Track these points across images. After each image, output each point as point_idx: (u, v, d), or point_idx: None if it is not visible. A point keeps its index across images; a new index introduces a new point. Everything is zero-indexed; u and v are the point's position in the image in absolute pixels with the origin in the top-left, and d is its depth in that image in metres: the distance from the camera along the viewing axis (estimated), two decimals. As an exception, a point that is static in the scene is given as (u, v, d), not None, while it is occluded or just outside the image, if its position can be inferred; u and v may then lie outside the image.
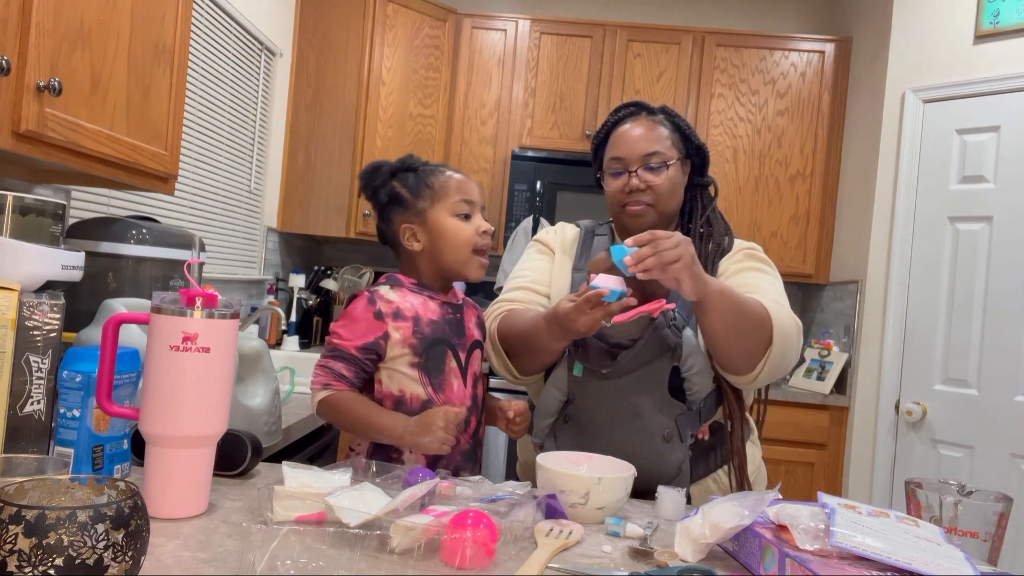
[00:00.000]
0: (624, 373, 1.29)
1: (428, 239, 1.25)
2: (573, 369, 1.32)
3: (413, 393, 1.21)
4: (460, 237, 1.24)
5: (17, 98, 1.15)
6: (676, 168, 1.39)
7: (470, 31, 3.49)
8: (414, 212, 1.26)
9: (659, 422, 1.28)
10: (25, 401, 0.97)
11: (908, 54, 2.96)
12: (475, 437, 1.28)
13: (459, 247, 1.25)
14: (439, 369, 1.22)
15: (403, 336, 1.20)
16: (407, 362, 1.21)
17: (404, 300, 1.23)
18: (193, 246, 1.69)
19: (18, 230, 1.17)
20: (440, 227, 1.24)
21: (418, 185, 1.26)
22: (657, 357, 1.28)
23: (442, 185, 1.25)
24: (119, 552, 0.62)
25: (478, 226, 1.25)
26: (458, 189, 1.25)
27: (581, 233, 1.50)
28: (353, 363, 1.20)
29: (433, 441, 1.08)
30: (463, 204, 1.24)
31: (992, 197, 2.67)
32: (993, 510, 0.92)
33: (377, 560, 0.81)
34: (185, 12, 1.62)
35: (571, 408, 1.32)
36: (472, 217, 1.26)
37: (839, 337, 3.23)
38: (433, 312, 1.24)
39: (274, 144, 3.16)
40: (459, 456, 1.23)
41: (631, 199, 1.37)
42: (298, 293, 3.19)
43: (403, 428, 1.13)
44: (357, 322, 1.20)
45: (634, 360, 1.28)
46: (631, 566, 0.88)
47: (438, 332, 1.23)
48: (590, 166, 1.51)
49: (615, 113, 1.45)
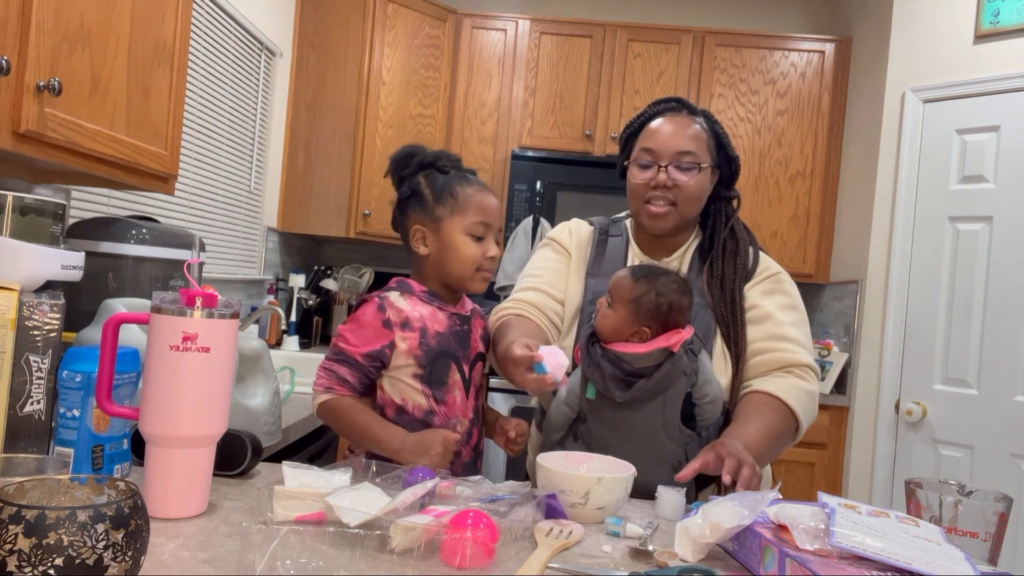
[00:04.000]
0: (639, 401, 1.23)
1: (437, 247, 1.23)
2: (586, 391, 1.26)
3: (416, 403, 1.20)
4: (467, 257, 1.21)
5: (17, 98, 1.15)
6: (706, 174, 1.37)
7: (470, 31, 3.49)
8: (430, 216, 1.23)
9: (670, 451, 1.24)
10: (25, 401, 0.97)
11: (908, 54, 2.96)
12: (476, 449, 1.26)
13: (464, 265, 1.22)
14: (442, 382, 1.21)
15: (409, 347, 1.19)
16: (411, 373, 1.19)
17: (414, 309, 1.20)
18: (193, 246, 1.69)
19: (18, 230, 1.17)
20: (451, 240, 1.21)
21: (443, 190, 1.22)
22: (671, 385, 1.23)
23: (466, 199, 1.22)
24: (119, 552, 0.62)
25: (487, 250, 1.22)
26: (479, 209, 1.22)
27: (595, 234, 1.47)
28: (357, 369, 1.19)
29: (429, 464, 1.08)
30: (479, 226, 1.21)
31: (992, 197, 2.67)
32: (993, 510, 0.92)
33: (377, 560, 0.81)
34: (185, 12, 1.62)
35: (582, 428, 1.27)
36: (484, 240, 1.22)
37: (839, 337, 3.23)
38: (441, 324, 1.22)
39: (274, 144, 3.16)
40: (460, 468, 1.22)
41: (655, 195, 1.35)
42: (298, 293, 3.19)
43: (400, 444, 1.12)
44: (365, 328, 1.19)
45: (650, 390, 1.22)
46: (631, 566, 0.88)
47: (444, 345, 1.21)
48: (590, 166, 1.50)
49: (654, 105, 1.42)
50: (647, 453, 1.23)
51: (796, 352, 1.33)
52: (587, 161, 3.35)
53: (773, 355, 1.33)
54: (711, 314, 1.34)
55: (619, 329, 1.26)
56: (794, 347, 1.33)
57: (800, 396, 1.29)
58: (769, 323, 1.35)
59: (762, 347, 1.33)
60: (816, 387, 1.33)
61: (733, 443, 1.12)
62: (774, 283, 1.40)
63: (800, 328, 1.37)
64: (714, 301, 1.35)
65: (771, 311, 1.36)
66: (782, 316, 1.36)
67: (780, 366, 1.32)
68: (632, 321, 1.25)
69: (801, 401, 1.29)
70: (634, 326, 1.25)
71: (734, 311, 1.34)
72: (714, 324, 1.34)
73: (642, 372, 1.22)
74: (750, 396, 1.30)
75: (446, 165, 1.25)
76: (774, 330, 1.34)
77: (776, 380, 1.31)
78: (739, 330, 1.33)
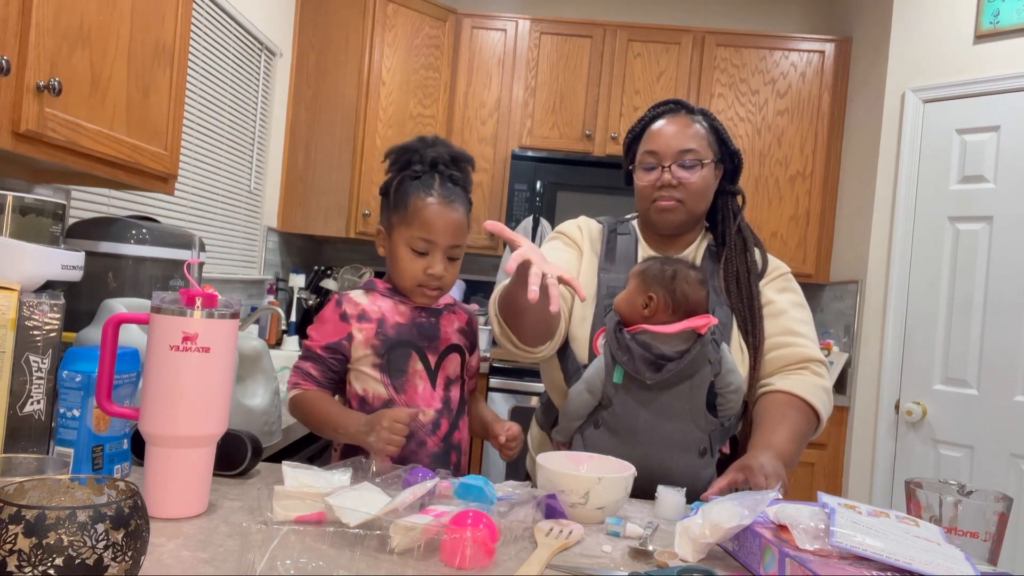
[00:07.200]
0: (667, 385, 1.25)
1: (388, 253, 1.27)
2: (613, 375, 1.27)
3: (376, 393, 1.23)
4: (405, 270, 1.24)
5: (17, 98, 1.15)
6: (709, 169, 1.39)
7: (470, 31, 3.49)
8: (387, 221, 1.26)
9: (696, 437, 1.26)
10: (25, 401, 0.97)
11: (908, 54, 2.96)
12: (447, 440, 1.25)
13: (403, 277, 1.25)
14: (401, 370, 1.23)
15: (365, 337, 1.22)
16: (370, 363, 1.23)
17: (373, 303, 1.25)
18: (193, 246, 1.69)
19: (18, 230, 1.17)
20: (394, 250, 1.25)
21: (401, 197, 1.23)
22: (698, 371, 1.25)
23: (414, 212, 1.21)
24: (119, 552, 0.62)
25: (428, 266, 1.22)
26: (424, 224, 1.20)
27: (605, 230, 1.48)
28: (321, 363, 1.23)
29: (377, 440, 1.08)
30: (421, 241, 1.21)
31: (992, 197, 2.67)
32: (993, 510, 0.92)
33: (377, 560, 0.81)
34: (185, 12, 1.62)
35: (605, 414, 1.27)
36: (428, 256, 1.22)
37: (839, 337, 3.23)
38: (403, 316, 1.25)
39: (274, 144, 3.16)
40: (427, 458, 1.22)
41: (662, 195, 1.37)
42: (298, 293, 3.18)
43: (355, 427, 1.14)
44: (325, 324, 1.25)
45: (679, 373, 1.24)
46: (631, 566, 0.88)
47: (403, 334, 1.24)
48: (590, 166, 1.51)
49: (653, 109, 1.44)
50: (674, 438, 1.25)
51: (811, 347, 1.37)
52: (587, 161, 3.35)
53: (789, 350, 1.36)
54: (727, 309, 1.37)
55: (631, 300, 1.30)
56: (808, 342, 1.37)
57: (820, 394, 1.32)
58: (784, 318, 1.38)
59: (778, 342, 1.37)
60: (830, 383, 1.36)
61: (759, 459, 1.12)
62: (785, 281, 1.44)
63: (810, 326, 1.42)
64: (731, 296, 1.38)
65: (785, 307, 1.40)
66: (795, 313, 1.40)
67: (796, 361, 1.35)
68: (641, 290, 1.29)
69: (821, 399, 1.32)
70: (643, 295, 1.28)
71: (751, 305, 1.37)
72: (731, 319, 1.37)
73: (670, 356, 1.24)
74: (773, 396, 1.32)
75: (419, 170, 1.24)
76: (789, 325, 1.38)
77: (795, 378, 1.33)
78: (757, 323, 1.36)
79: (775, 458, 1.14)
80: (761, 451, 1.17)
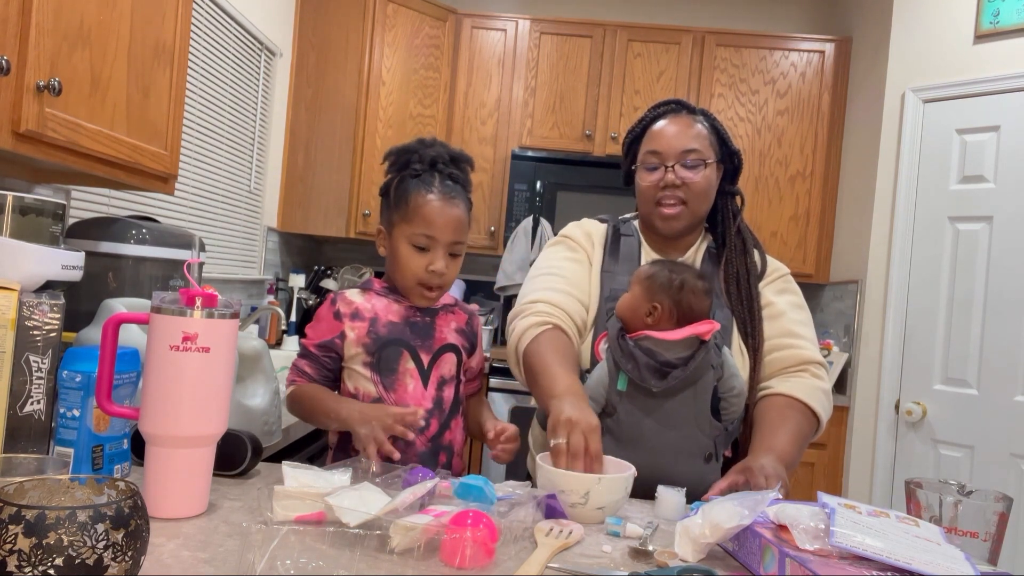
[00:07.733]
0: (671, 392, 1.24)
1: (388, 252, 1.28)
2: (617, 383, 1.26)
3: (365, 391, 1.24)
4: (406, 267, 1.24)
5: (17, 98, 1.15)
6: (712, 169, 1.39)
7: (470, 31, 3.49)
8: (388, 219, 1.27)
9: (701, 443, 1.26)
10: (25, 401, 0.97)
11: (908, 54, 2.96)
12: (435, 441, 1.25)
13: (404, 275, 1.25)
14: (391, 369, 1.23)
15: (357, 335, 1.24)
16: (362, 361, 1.24)
17: (367, 302, 1.26)
18: (193, 246, 1.69)
19: (18, 230, 1.17)
20: (395, 247, 1.25)
21: (402, 195, 1.24)
22: (702, 377, 1.25)
23: (415, 208, 1.22)
24: (119, 552, 0.62)
25: (430, 262, 1.22)
26: (425, 220, 1.21)
27: (608, 231, 1.47)
28: (315, 360, 1.26)
29: (368, 435, 1.09)
30: (422, 237, 1.21)
31: (992, 197, 2.67)
32: (993, 510, 0.92)
33: (377, 560, 0.81)
34: (185, 12, 1.62)
35: (609, 422, 1.26)
36: (430, 252, 1.22)
37: (839, 337, 3.23)
38: (396, 314, 1.26)
39: (274, 144, 3.16)
40: (415, 457, 1.21)
41: (665, 195, 1.37)
42: (298, 293, 3.18)
43: (347, 413, 1.15)
44: (320, 322, 1.27)
45: (683, 380, 1.24)
46: (631, 566, 0.88)
47: (396, 333, 1.25)
48: (590, 166, 1.51)
49: (654, 109, 1.44)
50: (680, 444, 1.25)
51: (810, 349, 1.37)
52: (587, 161, 3.35)
53: (789, 352, 1.36)
54: (727, 312, 1.37)
55: (635, 307, 1.29)
56: (808, 344, 1.37)
57: (819, 396, 1.32)
58: (783, 320, 1.38)
59: (778, 343, 1.37)
60: (829, 385, 1.36)
61: (760, 461, 1.13)
62: (785, 282, 1.44)
63: (809, 327, 1.41)
64: (731, 298, 1.38)
65: (784, 309, 1.40)
66: (793, 315, 1.40)
67: (796, 363, 1.35)
68: (646, 298, 1.27)
69: (821, 402, 1.32)
70: (647, 303, 1.27)
71: (751, 307, 1.37)
72: (731, 322, 1.36)
73: (674, 363, 1.24)
74: (772, 399, 1.32)
75: (419, 169, 1.24)
76: (788, 327, 1.38)
77: (794, 381, 1.33)
78: (756, 325, 1.36)
79: (776, 460, 1.14)
80: (762, 454, 1.17)
